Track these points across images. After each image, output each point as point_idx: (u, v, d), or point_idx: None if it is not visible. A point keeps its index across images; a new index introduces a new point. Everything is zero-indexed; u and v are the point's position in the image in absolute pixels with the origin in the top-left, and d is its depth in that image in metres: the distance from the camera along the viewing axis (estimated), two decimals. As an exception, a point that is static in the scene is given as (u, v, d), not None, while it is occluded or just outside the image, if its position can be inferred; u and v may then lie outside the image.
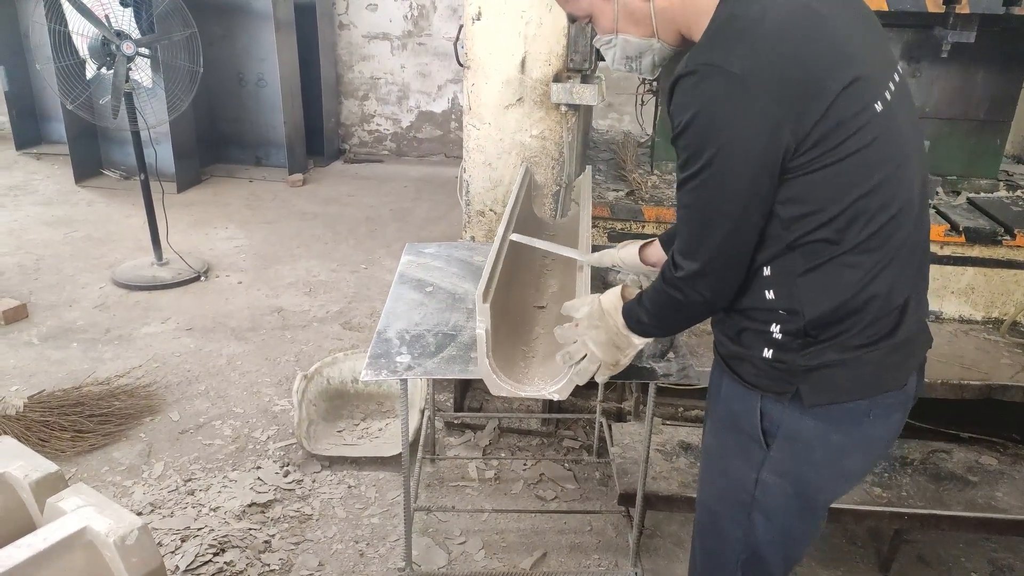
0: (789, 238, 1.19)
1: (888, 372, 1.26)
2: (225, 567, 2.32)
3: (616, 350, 1.50)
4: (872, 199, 1.16)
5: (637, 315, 1.43)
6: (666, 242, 1.74)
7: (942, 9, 2.49)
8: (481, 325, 1.59)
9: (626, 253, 1.82)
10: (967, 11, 2.48)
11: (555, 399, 1.65)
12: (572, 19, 1.50)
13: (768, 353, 1.27)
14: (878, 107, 1.15)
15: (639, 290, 1.47)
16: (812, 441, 1.28)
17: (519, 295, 2.06)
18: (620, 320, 1.47)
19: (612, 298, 1.50)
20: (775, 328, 1.25)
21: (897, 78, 1.23)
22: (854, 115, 1.12)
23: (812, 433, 1.28)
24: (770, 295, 1.24)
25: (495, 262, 1.78)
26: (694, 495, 2.25)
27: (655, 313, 1.39)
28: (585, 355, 1.52)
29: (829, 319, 1.21)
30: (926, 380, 2.42)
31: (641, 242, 1.81)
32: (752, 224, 1.19)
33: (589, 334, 1.50)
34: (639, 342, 1.50)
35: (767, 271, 1.24)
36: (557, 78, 2.60)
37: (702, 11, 1.22)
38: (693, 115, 1.13)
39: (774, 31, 1.12)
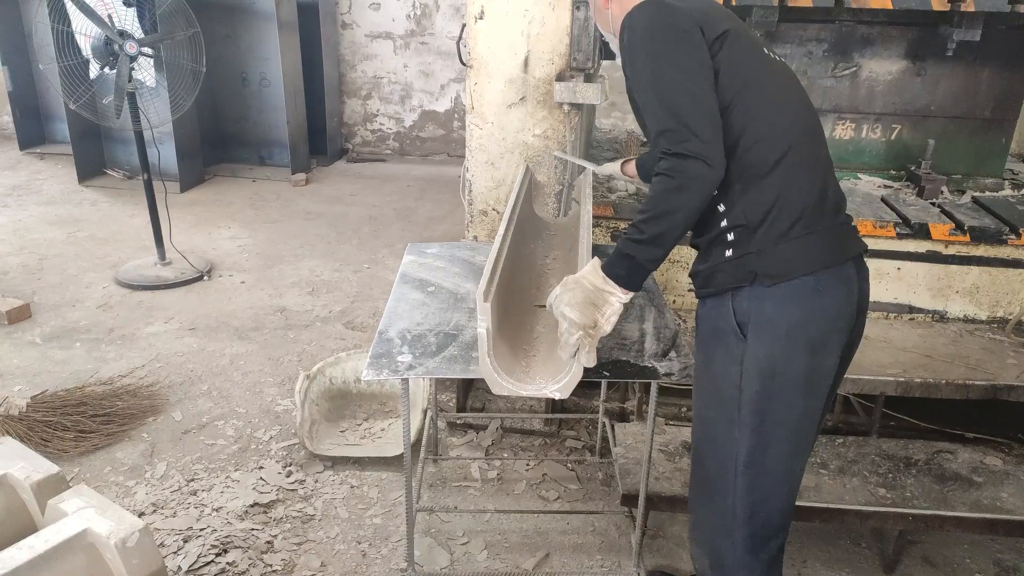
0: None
1: (822, 252, 1.52)
2: (227, 567, 2.32)
3: (592, 308, 1.56)
4: (752, 98, 1.53)
5: (620, 251, 1.55)
6: (641, 166, 2.25)
7: (947, 7, 2.48)
8: (482, 324, 1.59)
9: (609, 167, 2.37)
10: (972, 9, 2.47)
11: (556, 397, 1.64)
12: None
13: (729, 253, 1.56)
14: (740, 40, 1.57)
15: None
16: (776, 318, 1.52)
17: (520, 294, 2.05)
18: (597, 279, 1.57)
19: (585, 268, 1.61)
20: (730, 234, 1.56)
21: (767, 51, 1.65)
22: (732, 40, 1.55)
23: (774, 312, 1.52)
24: (721, 208, 1.56)
25: (496, 262, 1.77)
26: (697, 496, 2.26)
27: (649, 217, 1.49)
28: (566, 327, 1.56)
29: (762, 210, 1.51)
30: (930, 380, 2.44)
31: (621, 159, 2.37)
32: (706, 80, 1.50)
33: (564, 298, 1.56)
34: (617, 298, 1.56)
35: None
36: (560, 77, 2.60)
37: None
38: (643, 25, 1.54)
39: None
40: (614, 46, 1.78)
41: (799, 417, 1.57)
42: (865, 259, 1.65)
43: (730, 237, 1.56)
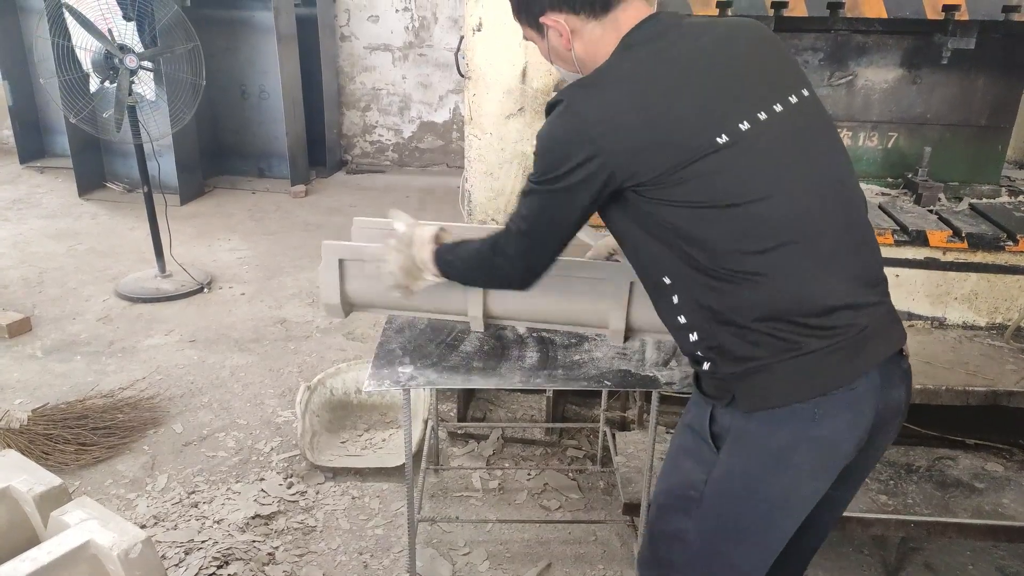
0: (670, 245, 1.33)
1: (823, 376, 1.28)
2: (229, 580, 2.32)
3: (410, 277, 1.78)
4: (722, 205, 1.27)
5: (447, 257, 1.68)
6: None
7: (942, 16, 2.49)
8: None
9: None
10: (966, 18, 2.49)
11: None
12: (525, 38, 1.67)
13: (706, 366, 1.38)
14: (722, 140, 1.27)
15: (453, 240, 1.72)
16: (757, 441, 1.34)
17: None
18: (425, 255, 1.70)
19: (425, 235, 1.73)
20: (699, 347, 1.38)
21: (794, 99, 1.35)
22: (691, 158, 1.26)
23: (757, 434, 1.34)
24: (675, 300, 1.38)
25: None
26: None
27: (464, 258, 1.64)
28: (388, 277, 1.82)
29: (733, 325, 1.30)
30: (930, 387, 2.44)
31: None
32: (574, 221, 1.41)
33: (392, 256, 1.78)
34: (431, 279, 1.75)
35: (667, 280, 1.38)
36: (558, 88, 2.61)
37: (600, 61, 1.42)
38: (544, 137, 1.36)
39: (627, 84, 1.32)
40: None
41: (764, 533, 1.41)
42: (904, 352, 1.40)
43: (699, 354, 1.39)
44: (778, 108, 1.32)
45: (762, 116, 1.31)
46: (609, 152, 1.29)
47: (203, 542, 2.46)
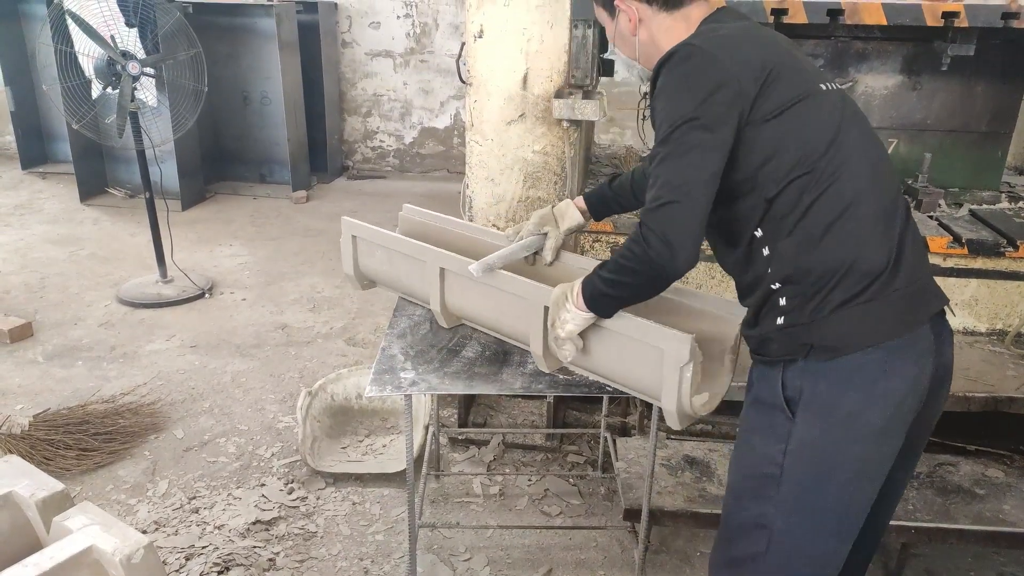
0: (767, 194, 1.40)
1: (889, 322, 1.37)
2: (230, 585, 2.32)
3: (556, 318, 1.69)
4: (812, 150, 1.38)
5: (592, 278, 1.59)
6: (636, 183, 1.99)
7: (941, 23, 2.50)
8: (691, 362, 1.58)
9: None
10: (966, 25, 2.50)
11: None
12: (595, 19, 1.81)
13: (780, 320, 1.43)
14: (821, 87, 1.44)
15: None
16: (831, 401, 1.38)
17: None
18: (575, 288, 1.63)
19: (556, 291, 1.70)
20: (781, 298, 1.42)
21: (832, 86, 1.48)
22: (791, 91, 1.40)
23: (829, 393, 1.38)
24: (766, 251, 1.44)
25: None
26: (700, 510, 2.25)
27: (615, 268, 1.52)
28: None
29: (820, 267, 1.37)
30: (931, 392, 2.42)
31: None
32: (719, 160, 1.38)
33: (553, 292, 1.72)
34: (570, 315, 1.65)
35: (759, 232, 1.44)
36: (559, 94, 2.62)
37: (663, 50, 1.50)
38: (676, 81, 1.41)
39: (736, 37, 1.46)
40: (633, 72, 1.77)
41: (847, 505, 1.45)
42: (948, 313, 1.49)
43: (781, 302, 1.43)
44: (830, 86, 1.47)
45: (828, 86, 1.47)
46: (743, 79, 1.37)
47: (204, 548, 2.46)
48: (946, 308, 1.48)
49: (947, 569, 2.46)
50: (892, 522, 2.18)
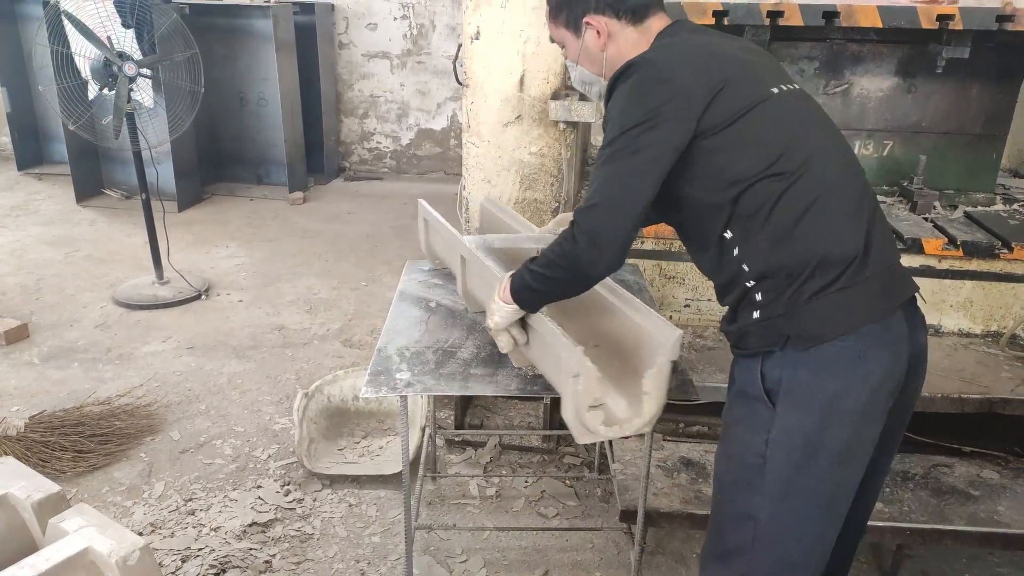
0: (731, 194, 1.44)
1: (863, 308, 1.40)
2: (226, 587, 2.32)
3: (487, 309, 1.74)
4: (774, 150, 1.42)
5: (520, 271, 1.63)
6: None
7: (936, 25, 2.51)
8: (578, 376, 1.52)
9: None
10: (960, 27, 2.51)
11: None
12: (552, 39, 1.78)
13: (757, 314, 1.46)
14: (775, 91, 1.49)
15: None
16: (811, 388, 1.41)
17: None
18: (504, 280, 1.67)
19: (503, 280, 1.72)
20: (757, 294, 1.46)
21: (790, 86, 1.54)
22: (742, 100, 1.45)
23: (810, 381, 1.41)
24: (736, 251, 1.47)
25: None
26: (696, 511, 2.26)
27: (543, 263, 1.56)
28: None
29: (792, 261, 1.41)
30: (926, 394, 2.45)
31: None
32: (658, 171, 1.43)
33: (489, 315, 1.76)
34: (496, 306, 1.68)
35: (728, 234, 1.47)
36: (555, 96, 2.63)
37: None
38: (629, 90, 1.45)
39: (690, 50, 1.53)
40: (592, 92, 1.75)
41: (832, 489, 1.47)
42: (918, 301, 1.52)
43: (757, 297, 1.46)
44: (786, 87, 1.52)
45: (784, 87, 1.52)
46: (692, 93, 1.42)
47: (200, 550, 2.46)
48: (917, 296, 1.51)
49: (942, 570, 2.47)
50: (887, 523, 2.20)
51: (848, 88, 3.06)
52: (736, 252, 1.47)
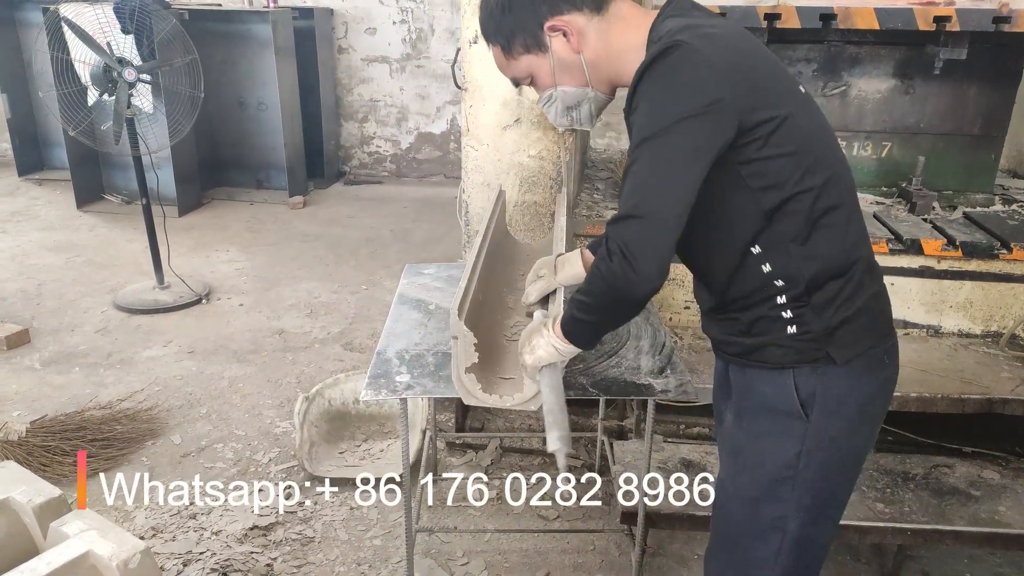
0: (765, 206, 1.32)
1: (883, 316, 1.43)
2: (227, 591, 2.32)
3: (527, 342, 1.55)
4: (810, 158, 1.32)
5: (569, 308, 1.46)
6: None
7: (933, 27, 2.52)
8: (457, 339, 1.63)
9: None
10: (958, 29, 2.52)
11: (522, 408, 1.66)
12: (516, 83, 1.58)
13: (792, 329, 1.37)
14: (803, 91, 1.39)
15: None
16: (844, 397, 1.38)
17: (491, 309, 2.05)
18: (555, 315, 1.55)
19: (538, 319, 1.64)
20: (786, 309, 1.36)
21: (804, 89, 1.42)
22: (780, 96, 1.32)
23: (845, 390, 1.38)
24: (767, 268, 1.35)
25: (468, 280, 1.79)
26: (695, 512, 2.26)
27: (584, 289, 1.39)
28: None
29: (825, 277, 1.34)
30: (926, 395, 2.45)
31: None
32: (699, 173, 1.26)
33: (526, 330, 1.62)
34: (542, 341, 1.51)
35: (756, 249, 1.36)
36: (554, 100, 2.63)
37: (627, 50, 1.40)
38: (668, 76, 1.25)
39: (724, 36, 1.31)
40: (550, 113, 1.55)
41: (848, 491, 1.51)
42: None
43: (786, 314, 1.37)
44: (804, 89, 1.42)
45: (804, 90, 1.41)
46: (738, 92, 1.25)
47: (201, 554, 2.46)
48: None
49: (943, 571, 2.47)
50: (888, 524, 2.20)
51: (846, 90, 3.07)
52: (766, 268, 1.36)
